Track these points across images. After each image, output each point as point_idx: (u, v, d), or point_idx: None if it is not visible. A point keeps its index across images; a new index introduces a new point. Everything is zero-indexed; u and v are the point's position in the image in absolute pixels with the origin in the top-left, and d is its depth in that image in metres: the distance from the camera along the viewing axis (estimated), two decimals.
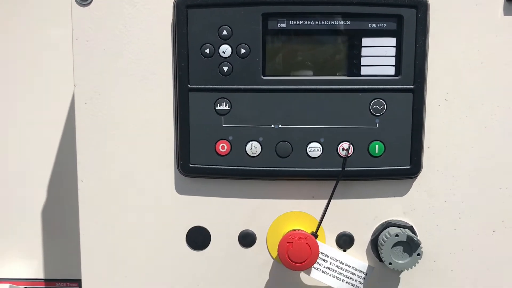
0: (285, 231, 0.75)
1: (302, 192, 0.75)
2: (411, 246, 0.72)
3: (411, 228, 0.74)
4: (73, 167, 1.00)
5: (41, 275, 1.05)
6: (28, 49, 1.00)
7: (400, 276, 0.77)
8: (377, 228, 0.76)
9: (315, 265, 0.73)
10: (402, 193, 0.75)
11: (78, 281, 1.05)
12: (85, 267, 0.77)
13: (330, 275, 0.74)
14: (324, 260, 0.74)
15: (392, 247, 0.72)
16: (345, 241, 0.76)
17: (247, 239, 0.77)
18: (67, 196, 1.03)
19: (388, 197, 0.75)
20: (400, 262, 0.72)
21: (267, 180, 0.75)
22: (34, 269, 1.05)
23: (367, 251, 0.76)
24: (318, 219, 0.75)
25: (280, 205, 0.76)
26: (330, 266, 0.74)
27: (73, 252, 1.04)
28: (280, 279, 0.77)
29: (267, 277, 0.77)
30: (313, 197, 0.75)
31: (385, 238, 0.72)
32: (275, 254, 0.76)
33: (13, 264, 1.05)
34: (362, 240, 0.76)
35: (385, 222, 0.75)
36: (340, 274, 0.74)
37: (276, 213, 0.76)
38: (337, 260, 0.74)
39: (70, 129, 1.01)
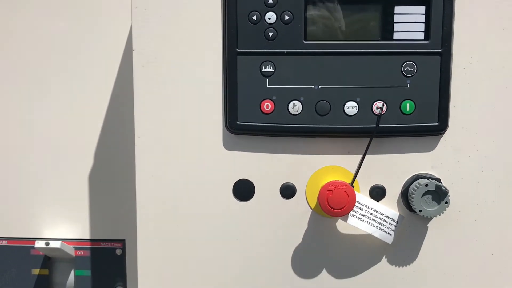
0: (323, 184, 0.82)
1: (338, 148, 0.83)
2: (439, 194, 0.79)
3: (438, 180, 0.82)
4: (119, 132, 1.08)
5: (87, 236, 1.12)
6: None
7: (428, 225, 0.84)
8: (407, 181, 0.83)
9: (351, 212, 0.81)
10: (430, 148, 0.82)
11: (122, 241, 1.12)
12: (140, 217, 0.85)
13: (365, 221, 0.81)
14: (359, 208, 0.81)
15: (422, 196, 0.79)
16: (377, 193, 0.83)
17: (287, 191, 0.84)
18: (112, 160, 1.10)
19: (418, 152, 0.82)
20: (429, 209, 0.80)
21: (307, 137, 0.82)
22: (80, 230, 1.12)
23: (397, 202, 0.84)
24: (353, 172, 0.83)
25: (318, 160, 0.83)
26: (365, 214, 0.81)
27: (118, 214, 1.12)
28: (317, 227, 0.84)
29: (305, 226, 0.84)
30: (348, 153, 0.83)
31: (415, 188, 0.79)
32: (313, 204, 0.84)
33: (62, 226, 1.12)
34: (393, 192, 0.83)
35: (414, 175, 0.83)
36: (374, 221, 0.81)
37: (314, 167, 0.83)
38: (371, 208, 0.81)
39: (117, 96, 1.08)
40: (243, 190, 0.84)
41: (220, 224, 0.85)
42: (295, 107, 0.80)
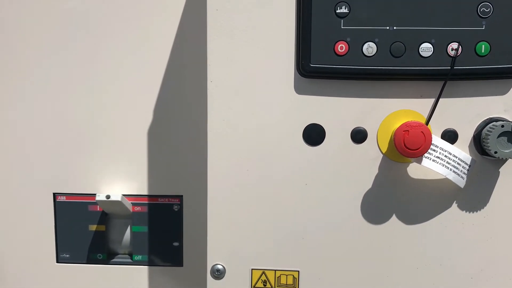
0: (395, 128, 0.82)
1: (411, 91, 0.82)
2: None
3: None
4: (177, 88, 1.08)
5: (145, 192, 1.13)
6: None
7: (500, 170, 0.84)
8: (479, 125, 0.82)
9: (426, 154, 0.80)
10: (503, 92, 0.82)
11: (180, 197, 1.12)
12: (211, 161, 0.85)
13: (440, 163, 0.81)
14: (434, 150, 0.81)
15: (497, 137, 0.79)
16: (450, 137, 0.83)
17: (358, 135, 0.84)
18: (171, 116, 1.10)
19: (490, 95, 0.82)
20: (505, 151, 0.79)
21: (380, 80, 0.82)
22: (137, 186, 1.13)
23: (469, 146, 0.83)
24: (426, 117, 0.82)
25: (390, 103, 0.83)
26: (440, 156, 0.81)
27: (175, 170, 1.12)
28: (388, 172, 0.84)
29: (376, 171, 0.84)
30: (421, 96, 0.82)
31: (490, 129, 0.79)
32: (384, 149, 0.84)
33: (119, 182, 1.13)
34: (465, 136, 0.83)
35: (487, 118, 0.82)
36: (448, 163, 0.81)
37: (386, 112, 0.83)
38: (445, 151, 0.81)
39: (177, 50, 1.08)
40: (314, 134, 0.84)
41: (289, 169, 0.85)
42: (369, 48, 0.80)
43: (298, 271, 0.87)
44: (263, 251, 0.86)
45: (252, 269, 0.87)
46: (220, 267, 0.87)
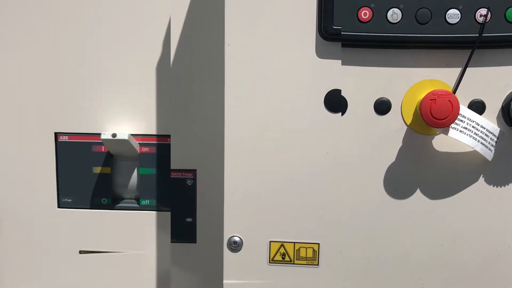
0: (420, 98, 0.79)
1: (436, 60, 0.79)
2: None
3: None
4: (191, 61, 1.04)
5: (153, 131, 1.07)
6: None
7: None
8: (508, 95, 0.79)
9: (452, 125, 0.77)
10: None
11: (194, 171, 1.09)
12: (228, 128, 0.82)
13: (467, 134, 0.78)
14: (461, 121, 0.78)
15: None
16: (477, 108, 0.80)
17: (382, 106, 0.81)
18: (185, 89, 1.08)
19: None
20: None
21: (405, 48, 0.79)
22: (146, 125, 1.07)
23: (497, 117, 0.80)
24: (452, 86, 0.79)
25: (415, 73, 0.80)
26: (467, 127, 0.78)
27: (188, 146, 1.09)
28: (412, 144, 0.81)
29: (400, 143, 0.81)
30: (447, 65, 0.79)
31: None
32: (409, 120, 0.81)
33: (126, 121, 1.08)
34: (493, 107, 0.80)
35: None
36: (476, 134, 0.78)
37: (411, 81, 0.80)
38: (473, 121, 0.78)
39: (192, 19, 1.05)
40: (335, 100, 0.81)
41: (310, 137, 0.82)
42: (394, 15, 0.77)
43: (318, 244, 0.84)
44: (281, 222, 0.84)
45: (270, 242, 0.85)
46: (237, 239, 0.84)
